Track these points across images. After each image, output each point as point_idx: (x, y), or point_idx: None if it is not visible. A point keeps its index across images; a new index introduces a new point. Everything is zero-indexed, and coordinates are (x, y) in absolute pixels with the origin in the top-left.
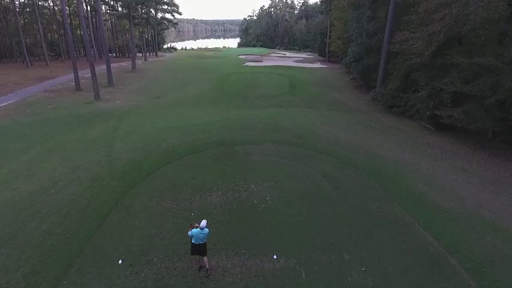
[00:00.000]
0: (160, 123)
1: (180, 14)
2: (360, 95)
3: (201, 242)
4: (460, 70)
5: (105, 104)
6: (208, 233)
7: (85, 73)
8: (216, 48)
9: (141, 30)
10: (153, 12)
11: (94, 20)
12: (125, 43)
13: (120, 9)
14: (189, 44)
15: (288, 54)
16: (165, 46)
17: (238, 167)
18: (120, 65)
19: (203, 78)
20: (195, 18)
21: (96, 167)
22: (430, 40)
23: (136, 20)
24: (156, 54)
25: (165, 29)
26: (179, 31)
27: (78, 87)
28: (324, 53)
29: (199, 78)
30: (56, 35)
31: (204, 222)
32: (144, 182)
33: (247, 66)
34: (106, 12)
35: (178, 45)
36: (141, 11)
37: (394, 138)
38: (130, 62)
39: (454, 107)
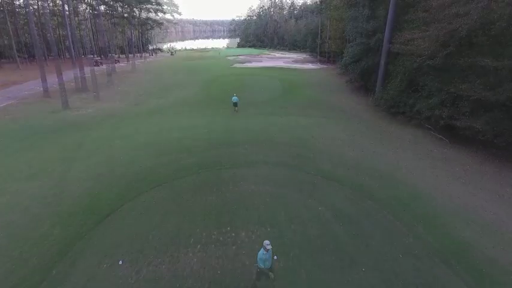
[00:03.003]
0: (134, 137)
1: (164, 13)
2: (359, 99)
3: None
4: (480, 74)
5: (75, 113)
6: None
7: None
8: (204, 48)
9: (120, 30)
10: (137, 11)
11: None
12: (106, 44)
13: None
14: (177, 45)
15: (278, 54)
16: (150, 47)
17: (225, 203)
18: (100, 68)
19: (188, 82)
20: (183, 19)
21: (37, 205)
22: (446, 39)
23: (116, 19)
24: (141, 56)
25: (150, 29)
26: (167, 31)
27: (46, 93)
28: (315, 54)
29: (185, 81)
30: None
31: None
32: (96, 229)
33: (235, 68)
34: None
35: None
36: (121, 9)
37: (407, 154)
38: (113, 65)
39: (472, 117)
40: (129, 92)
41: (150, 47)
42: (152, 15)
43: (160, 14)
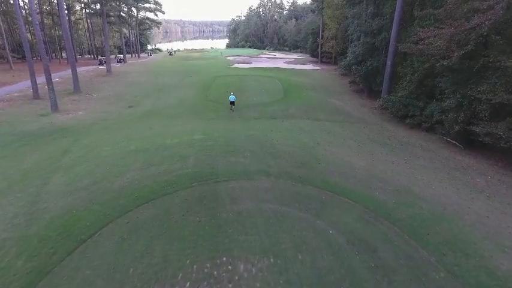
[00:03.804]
0: (125, 143)
1: (163, 13)
2: (363, 101)
3: None
4: (501, 75)
5: (64, 116)
6: None
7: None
8: (203, 49)
9: (117, 29)
10: (135, 11)
11: (67, 18)
12: (103, 44)
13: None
14: (177, 45)
15: (278, 55)
16: (149, 47)
17: (220, 226)
18: (96, 68)
19: (186, 83)
20: (183, 19)
21: (5, 227)
22: (463, 37)
23: (112, 19)
24: (139, 56)
25: (148, 29)
26: (166, 32)
27: (36, 95)
28: (316, 54)
29: (182, 82)
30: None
31: None
32: (69, 260)
33: (235, 68)
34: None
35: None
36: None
37: (421, 162)
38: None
39: (492, 121)
40: (125, 93)
41: (149, 47)
42: (151, 14)
43: (161, 15)
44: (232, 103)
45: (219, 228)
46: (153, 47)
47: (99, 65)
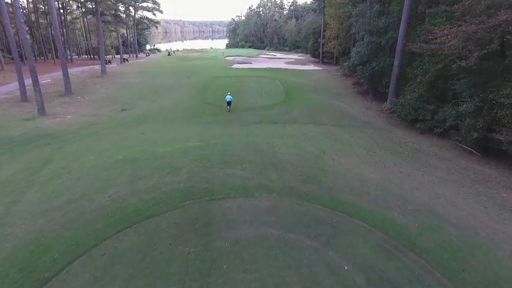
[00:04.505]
0: (112, 151)
1: (161, 12)
2: (368, 104)
3: None
4: None
5: (51, 120)
6: None
7: (44, 78)
8: (202, 49)
9: (112, 29)
10: (132, 10)
11: (62, 18)
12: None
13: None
14: (177, 45)
15: (278, 55)
16: (148, 47)
17: (213, 260)
18: (91, 68)
19: (183, 84)
20: (183, 19)
21: None
22: (484, 36)
23: (108, 18)
24: (137, 56)
25: (146, 28)
26: (166, 32)
27: (24, 97)
28: (318, 54)
29: (179, 83)
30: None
31: None
32: None
33: (234, 68)
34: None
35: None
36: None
37: (439, 173)
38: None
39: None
40: (118, 95)
41: (148, 47)
42: (149, 14)
43: (160, 15)
44: (229, 103)
45: (212, 262)
46: (152, 47)
47: (106, 64)
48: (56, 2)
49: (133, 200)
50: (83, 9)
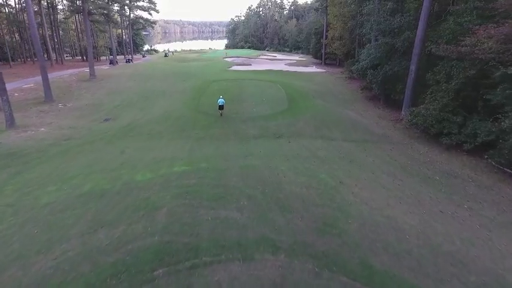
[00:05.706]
0: (79, 179)
1: (157, 12)
2: (380, 112)
3: None
4: None
5: (19, 135)
6: None
7: (27, 82)
8: (201, 50)
9: (102, 29)
10: (128, 9)
11: (52, 18)
12: (94, 44)
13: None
14: (175, 46)
15: (278, 56)
16: (146, 48)
17: None
18: (81, 71)
19: (177, 88)
20: (182, 19)
21: None
22: None
23: (96, 17)
24: (132, 58)
25: (142, 28)
26: (165, 32)
27: None
28: (320, 55)
29: (173, 88)
30: (8, 36)
31: None
32: None
33: (233, 70)
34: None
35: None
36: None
37: (488, 212)
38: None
39: None
40: (104, 102)
41: (146, 48)
42: (145, 14)
43: (154, 14)
44: (221, 107)
45: None
46: (150, 47)
47: (109, 64)
48: (44, 1)
49: (85, 268)
50: (71, 8)
